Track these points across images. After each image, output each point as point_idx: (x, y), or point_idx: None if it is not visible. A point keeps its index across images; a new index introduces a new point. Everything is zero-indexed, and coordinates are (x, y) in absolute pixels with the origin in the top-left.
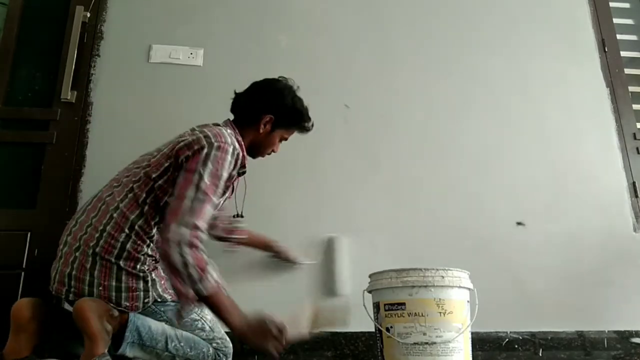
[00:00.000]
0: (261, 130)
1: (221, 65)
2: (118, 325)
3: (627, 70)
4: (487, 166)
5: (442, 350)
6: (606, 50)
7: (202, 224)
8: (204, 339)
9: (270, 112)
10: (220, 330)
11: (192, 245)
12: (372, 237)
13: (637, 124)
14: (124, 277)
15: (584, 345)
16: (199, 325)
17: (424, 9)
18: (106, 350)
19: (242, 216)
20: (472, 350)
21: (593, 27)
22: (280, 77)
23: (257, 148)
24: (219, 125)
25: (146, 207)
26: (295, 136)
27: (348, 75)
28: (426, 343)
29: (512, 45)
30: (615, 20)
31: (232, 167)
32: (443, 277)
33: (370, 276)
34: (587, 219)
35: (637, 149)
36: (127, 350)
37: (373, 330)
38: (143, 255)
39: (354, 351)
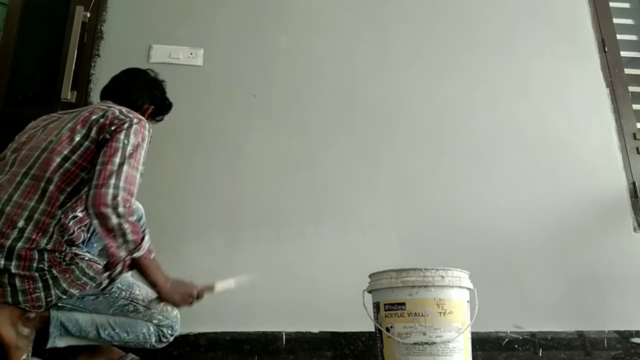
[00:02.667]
0: None
1: (221, 65)
2: (39, 324)
3: (627, 70)
4: (487, 166)
5: (442, 350)
6: (606, 50)
7: (133, 189)
8: (143, 320)
9: (152, 103)
10: (158, 304)
11: (128, 213)
12: (373, 236)
13: (637, 124)
14: (17, 282)
15: (584, 345)
16: (131, 309)
17: (423, 8)
18: (26, 355)
19: None
20: (472, 350)
21: (593, 27)
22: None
23: None
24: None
25: (51, 187)
26: (295, 136)
27: (348, 75)
28: (426, 343)
29: (512, 45)
30: (615, 20)
31: (148, 141)
32: (443, 277)
33: (370, 276)
34: (587, 219)
35: (637, 149)
36: (56, 342)
37: (373, 330)
38: (39, 251)
39: (354, 351)
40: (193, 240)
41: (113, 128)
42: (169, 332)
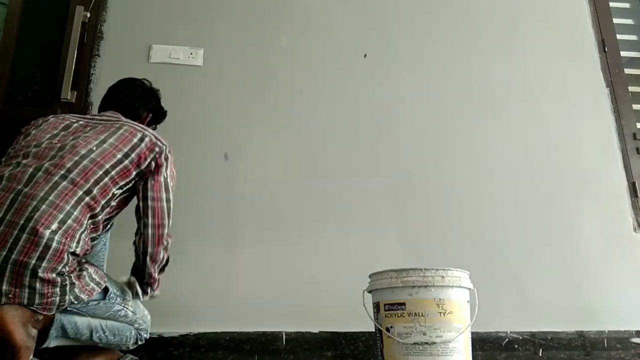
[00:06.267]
0: None
1: (221, 65)
2: (44, 325)
3: (627, 70)
4: (487, 166)
5: (442, 350)
6: (606, 50)
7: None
8: (128, 324)
9: (150, 112)
10: (140, 309)
11: (168, 245)
12: (373, 236)
13: (637, 124)
14: (38, 285)
15: (584, 345)
16: (122, 314)
17: (424, 8)
18: (31, 357)
19: None
20: (472, 350)
21: (593, 27)
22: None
23: None
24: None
25: (87, 199)
26: (295, 136)
27: (348, 75)
28: (426, 343)
29: (512, 45)
30: (615, 20)
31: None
32: (443, 277)
33: (370, 276)
34: (587, 219)
35: (637, 149)
36: (51, 343)
37: (373, 330)
38: (67, 254)
39: (354, 351)
40: (193, 240)
41: (154, 155)
42: (145, 335)
